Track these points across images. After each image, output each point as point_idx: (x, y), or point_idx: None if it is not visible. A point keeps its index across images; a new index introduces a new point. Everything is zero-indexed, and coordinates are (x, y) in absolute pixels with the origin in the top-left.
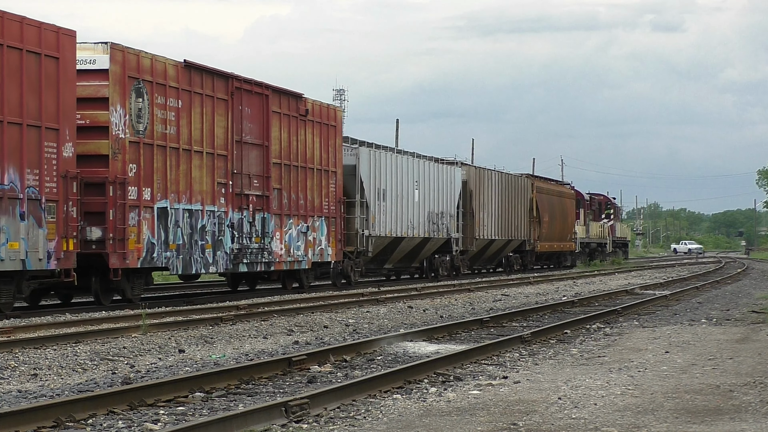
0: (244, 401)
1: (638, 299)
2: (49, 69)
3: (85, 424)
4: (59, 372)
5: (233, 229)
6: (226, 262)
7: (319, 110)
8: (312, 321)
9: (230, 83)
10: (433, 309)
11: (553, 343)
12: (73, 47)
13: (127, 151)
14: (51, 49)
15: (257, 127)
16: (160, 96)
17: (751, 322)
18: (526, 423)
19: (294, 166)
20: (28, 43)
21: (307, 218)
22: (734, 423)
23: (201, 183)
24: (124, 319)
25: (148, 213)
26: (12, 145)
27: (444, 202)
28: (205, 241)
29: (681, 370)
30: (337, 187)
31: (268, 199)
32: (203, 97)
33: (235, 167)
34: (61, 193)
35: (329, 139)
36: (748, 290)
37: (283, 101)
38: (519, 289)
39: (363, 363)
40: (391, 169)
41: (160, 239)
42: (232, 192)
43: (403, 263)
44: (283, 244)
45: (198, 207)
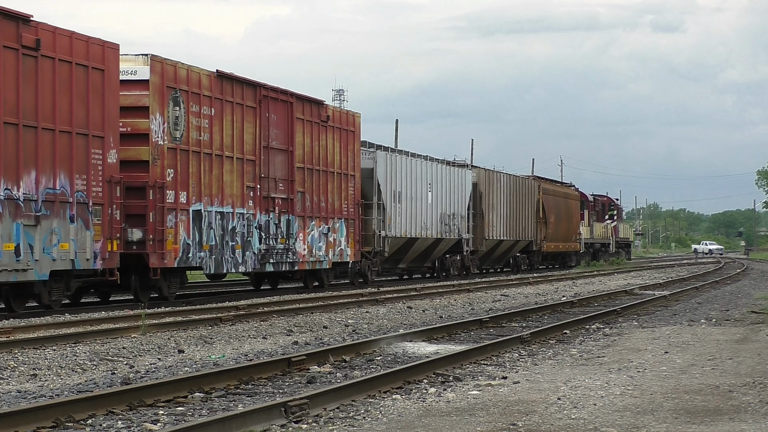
0: (243, 401)
1: (638, 299)
2: (95, 80)
3: (84, 424)
4: (59, 372)
5: (261, 230)
6: (254, 262)
7: (339, 116)
8: (311, 321)
9: (258, 91)
10: (433, 309)
11: (552, 343)
12: (117, 59)
13: (166, 156)
14: (97, 61)
15: (282, 133)
16: (194, 104)
17: (751, 322)
18: (525, 423)
19: (316, 170)
20: (77, 57)
21: (328, 220)
22: (734, 423)
23: (231, 187)
24: (123, 319)
25: (184, 215)
26: (63, 153)
27: (455, 203)
28: (235, 242)
29: (680, 371)
30: (355, 190)
31: (292, 201)
32: (234, 105)
33: (262, 171)
34: (106, 197)
35: (348, 143)
36: (747, 290)
37: (306, 108)
38: (518, 289)
39: (362, 363)
40: (405, 172)
41: (194, 240)
42: (259, 195)
43: (416, 263)
44: (306, 245)
45: (229, 209)
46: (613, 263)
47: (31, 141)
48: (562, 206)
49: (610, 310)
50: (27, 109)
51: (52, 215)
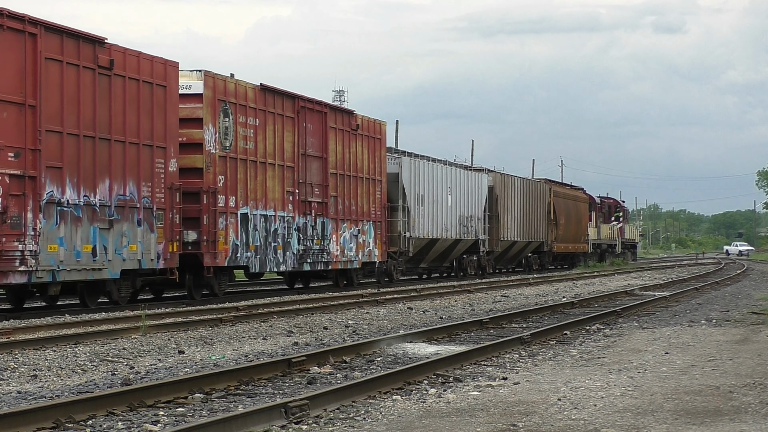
0: (243, 402)
1: (638, 300)
2: (158, 95)
3: (84, 425)
4: (59, 373)
5: (299, 232)
6: (293, 262)
7: (368, 124)
8: (312, 322)
9: (296, 103)
10: (433, 310)
11: (552, 344)
12: (177, 76)
13: (217, 164)
14: (160, 78)
15: (317, 141)
16: (242, 115)
17: (751, 323)
18: (525, 424)
19: (347, 176)
20: (143, 75)
21: (357, 222)
22: (734, 424)
23: (273, 191)
24: (123, 320)
25: (233, 218)
26: (131, 162)
27: (473, 206)
28: (276, 243)
29: (681, 371)
30: (382, 194)
31: (326, 205)
32: (275, 115)
33: (300, 177)
34: (168, 203)
35: (376, 150)
36: (747, 291)
37: (338, 117)
38: (519, 290)
39: (363, 364)
40: (428, 176)
41: (242, 241)
42: (298, 199)
43: (436, 263)
44: (339, 246)
45: (271, 213)
46: (614, 263)
47: (105, 152)
48: (572, 208)
49: (611, 311)
50: (102, 123)
51: (123, 219)
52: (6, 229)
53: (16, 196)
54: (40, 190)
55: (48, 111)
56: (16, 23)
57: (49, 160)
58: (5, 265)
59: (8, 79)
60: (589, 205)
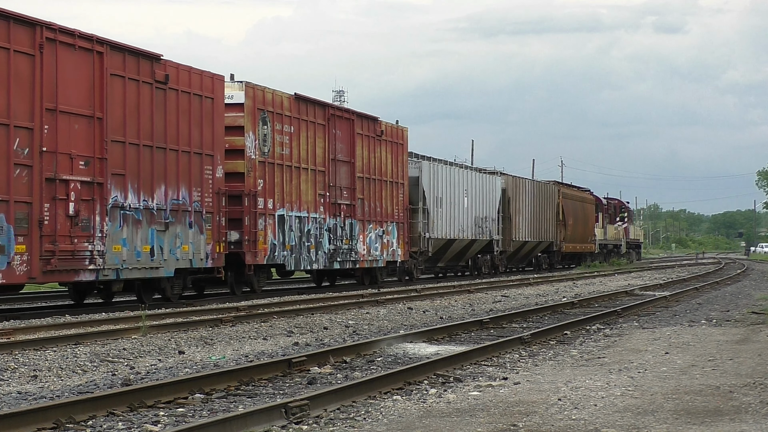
0: (244, 402)
1: (638, 300)
2: (206, 107)
3: (84, 425)
4: (59, 373)
5: (330, 232)
6: (325, 260)
7: (391, 130)
8: (312, 322)
9: (327, 110)
10: (433, 310)
11: (552, 344)
12: (222, 88)
13: (257, 169)
14: (208, 91)
15: (346, 147)
16: (278, 123)
17: (751, 323)
18: (526, 424)
19: (372, 179)
20: (194, 88)
21: (382, 223)
22: (734, 424)
23: (307, 194)
24: (123, 320)
25: (271, 219)
26: (184, 169)
27: (487, 207)
28: (310, 242)
29: (681, 371)
30: (404, 196)
31: (354, 207)
32: (308, 123)
33: (330, 181)
34: (215, 206)
35: (398, 155)
36: (747, 291)
37: (364, 124)
38: (519, 290)
39: (363, 364)
40: (446, 179)
41: (279, 241)
42: (328, 201)
43: (452, 262)
44: (365, 246)
45: (305, 214)
46: (614, 263)
47: (161, 160)
48: (579, 209)
49: (611, 311)
50: (158, 133)
51: (176, 222)
52: (77, 231)
53: (86, 201)
54: (106, 196)
55: (112, 123)
56: (86, 43)
57: (114, 168)
58: (77, 264)
59: (80, 94)
60: (595, 206)
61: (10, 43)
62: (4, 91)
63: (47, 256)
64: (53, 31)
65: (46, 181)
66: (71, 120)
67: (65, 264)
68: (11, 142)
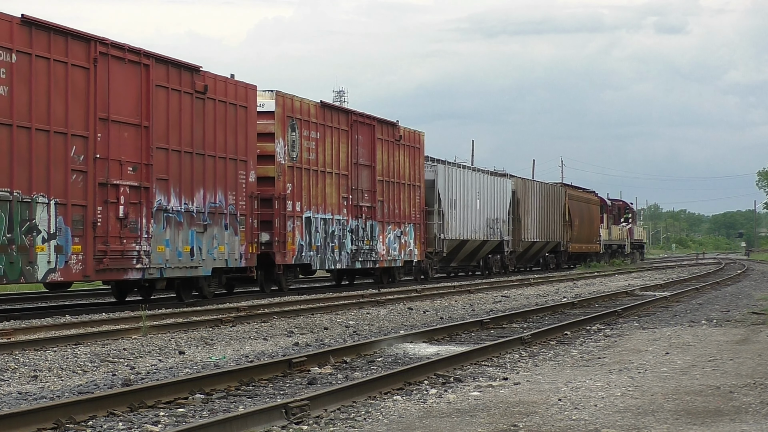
0: (244, 403)
1: (638, 300)
2: (240, 115)
3: (85, 425)
4: (59, 374)
5: (352, 233)
6: (347, 260)
7: (409, 135)
8: (312, 323)
9: (350, 117)
10: (433, 310)
11: (553, 344)
12: (255, 97)
13: (286, 173)
14: (242, 100)
15: (367, 151)
16: (305, 130)
17: (752, 323)
18: (526, 424)
19: (391, 182)
20: (229, 97)
21: (400, 224)
22: (734, 424)
23: (331, 197)
24: (124, 320)
25: (299, 221)
26: (220, 174)
27: (498, 209)
28: (334, 243)
29: (681, 372)
30: (421, 199)
31: (374, 209)
32: (332, 129)
33: (353, 184)
34: (248, 209)
35: (415, 158)
36: (748, 291)
37: (384, 129)
38: (519, 290)
39: (363, 364)
40: (459, 182)
41: (306, 242)
42: (351, 204)
43: (464, 262)
44: (385, 246)
45: (329, 216)
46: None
47: (200, 166)
48: (585, 211)
49: (611, 311)
50: (197, 140)
51: (214, 224)
52: (126, 233)
53: (134, 204)
54: (152, 199)
55: (157, 131)
56: (134, 56)
57: (158, 173)
58: (126, 263)
59: (129, 104)
60: (600, 208)
61: (67, 57)
62: (62, 102)
63: (100, 256)
64: (106, 45)
65: (99, 185)
66: (121, 128)
67: (115, 263)
68: (69, 149)
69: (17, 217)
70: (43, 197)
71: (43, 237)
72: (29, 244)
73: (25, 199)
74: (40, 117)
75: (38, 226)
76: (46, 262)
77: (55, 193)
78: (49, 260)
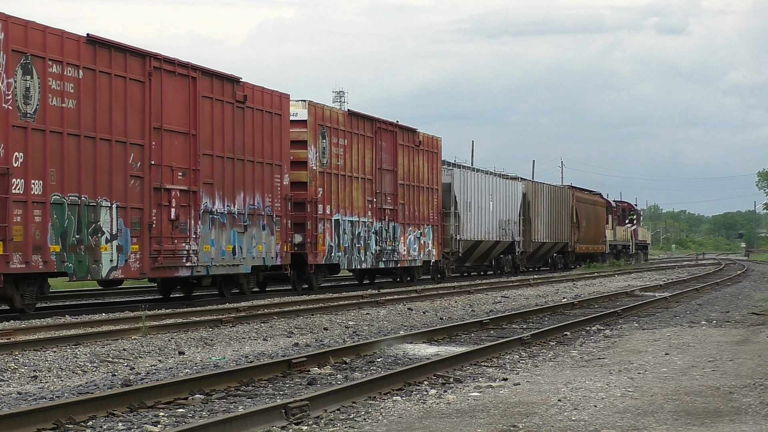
0: (244, 403)
1: (638, 301)
2: (275, 122)
3: (84, 426)
4: (59, 374)
5: (376, 235)
6: (372, 260)
7: (427, 141)
8: (312, 323)
9: (374, 124)
10: (433, 311)
11: (552, 345)
12: (288, 105)
13: (317, 178)
14: (277, 108)
15: (389, 157)
16: (334, 137)
17: (751, 323)
18: (526, 425)
19: (411, 186)
20: (265, 106)
21: (420, 226)
22: (734, 425)
23: (357, 201)
24: (123, 321)
25: (328, 224)
26: (258, 178)
27: (509, 211)
28: (360, 244)
29: (681, 372)
30: (438, 201)
31: (396, 211)
32: (359, 136)
33: (377, 188)
34: (283, 211)
35: (433, 163)
36: (748, 292)
37: (405, 135)
38: (519, 291)
39: (363, 365)
40: (474, 185)
41: (335, 243)
42: (375, 207)
43: (478, 262)
44: (406, 247)
45: (356, 219)
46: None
47: (240, 170)
48: (592, 212)
49: (611, 312)
50: (238, 146)
51: (253, 225)
52: (177, 233)
53: (184, 206)
54: (199, 202)
55: (203, 138)
56: (183, 69)
57: (205, 178)
58: (177, 261)
59: (179, 114)
60: (606, 209)
61: (126, 72)
62: (122, 113)
63: (155, 255)
64: (159, 60)
65: (154, 190)
66: (172, 137)
67: (168, 261)
68: (127, 157)
69: (84, 219)
70: (106, 201)
71: (106, 237)
72: (95, 244)
73: (90, 203)
74: (102, 127)
75: (102, 228)
76: (109, 261)
77: (116, 197)
78: (111, 259)
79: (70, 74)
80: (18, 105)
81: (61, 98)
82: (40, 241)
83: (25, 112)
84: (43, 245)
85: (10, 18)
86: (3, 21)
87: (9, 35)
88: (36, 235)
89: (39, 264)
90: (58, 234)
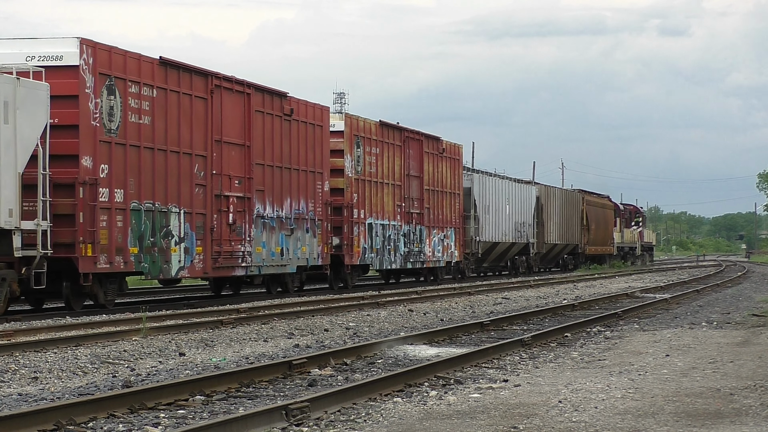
0: (244, 404)
1: (639, 302)
2: (317, 133)
3: (85, 427)
4: (60, 375)
5: (405, 237)
6: (400, 261)
7: (450, 148)
8: (312, 324)
9: (403, 133)
10: (434, 312)
11: (553, 346)
12: (328, 116)
13: (353, 185)
14: (318, 120)
15: (416, 164)
16: (368, 146)
17: (752, 325)
18: (526, 426)
19: (436, 191)
20: (309, 118)
21: (443, 228)
22: (735, 426)
23: (388, 205)
24: (124, 322)
25: (363, 227)
26: (302, 185)
27: (524, 214)
28: (390, 246)
29: (681, 374)
30: (460, 205)
31: (422, 215)
32: (389, 144)
33: (405, 193)
34: (324, 215)
35: (455, 169)
36: (748, 293)
37: (430, 143)
38: (519, 292)
39: (363, 366)
40: (492, 189)
41: (368, 245)
42: (404, 211)
43: (494, 263)
44: (431, 249)
45: (386, 222)
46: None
47: (287, 178)
48: (600, 215)
49: (611, 313)
50: (285, 155)
51: (298, 228)
52: (234, 236)
53: (240, 212)
54: (252, 207)
55: (255, 149)
56: (239, 86)
57: (257, 185)
58: (234, 261)
59: (236, 127)
60: (614, 212)
61: (192, 90)
62: (188, 128)
63: (215, 256)
64: (219, 78)
65: (215, 197)
66: (230, 148)
67: (226, 262)
68: (193, 167)
69: (157, 224)
70: (175, 207)
71: (175, 240)
72: (166, 246)
73: (162, 209)
74: (172, 141)
75: (172, 231)
76: (178, 261)
77: (184, 204)
78: (179, 260)
79: (146, 93)
80: (104, 122)
81: (139, 115)
82: (121, 243)
83: (109, 129)
84: (124, 247)
85: (97, 45)
86: (92, 47)
87: (97, 60)
88: (118, 239)
89: (120, 264)
90: (136, 237)
